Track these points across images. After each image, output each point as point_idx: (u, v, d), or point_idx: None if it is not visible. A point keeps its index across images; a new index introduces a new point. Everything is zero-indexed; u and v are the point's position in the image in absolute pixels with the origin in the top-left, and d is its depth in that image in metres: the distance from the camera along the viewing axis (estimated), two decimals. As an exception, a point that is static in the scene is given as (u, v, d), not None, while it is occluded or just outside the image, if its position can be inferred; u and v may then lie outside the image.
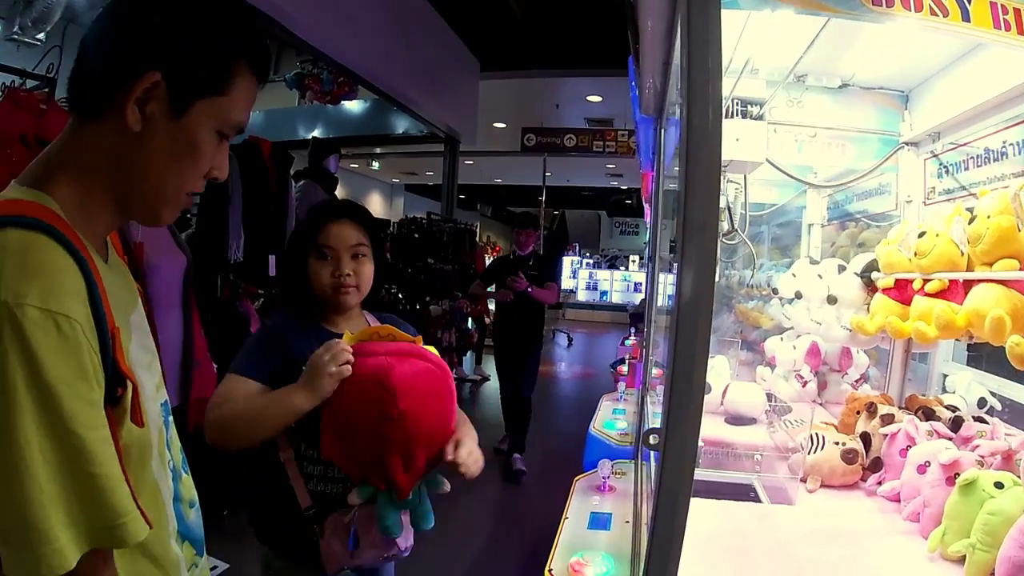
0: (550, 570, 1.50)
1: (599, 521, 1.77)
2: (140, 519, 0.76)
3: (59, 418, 0.69)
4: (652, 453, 1.36)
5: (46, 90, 2.77)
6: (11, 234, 0.72)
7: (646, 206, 4.25)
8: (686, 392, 0.89)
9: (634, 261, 18.26)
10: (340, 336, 1.39)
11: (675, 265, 0.93)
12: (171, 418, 1.02)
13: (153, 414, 0.89)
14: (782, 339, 2.79)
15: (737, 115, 1.95)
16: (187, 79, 0.83)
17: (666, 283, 2.23)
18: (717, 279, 2.21)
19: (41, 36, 6.61)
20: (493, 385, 6.62)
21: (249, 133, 3.65)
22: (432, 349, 1.43)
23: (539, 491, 4.46)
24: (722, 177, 1.80)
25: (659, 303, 2.28)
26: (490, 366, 6.74)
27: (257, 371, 1.42)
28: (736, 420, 2.34)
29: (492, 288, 4.92)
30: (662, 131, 2.10)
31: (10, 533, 0.68)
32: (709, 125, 0.97)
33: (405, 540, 1.48)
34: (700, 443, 1.02)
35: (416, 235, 6.55)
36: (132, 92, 0.80)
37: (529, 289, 4.60)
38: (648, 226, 7.03)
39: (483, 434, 1.46)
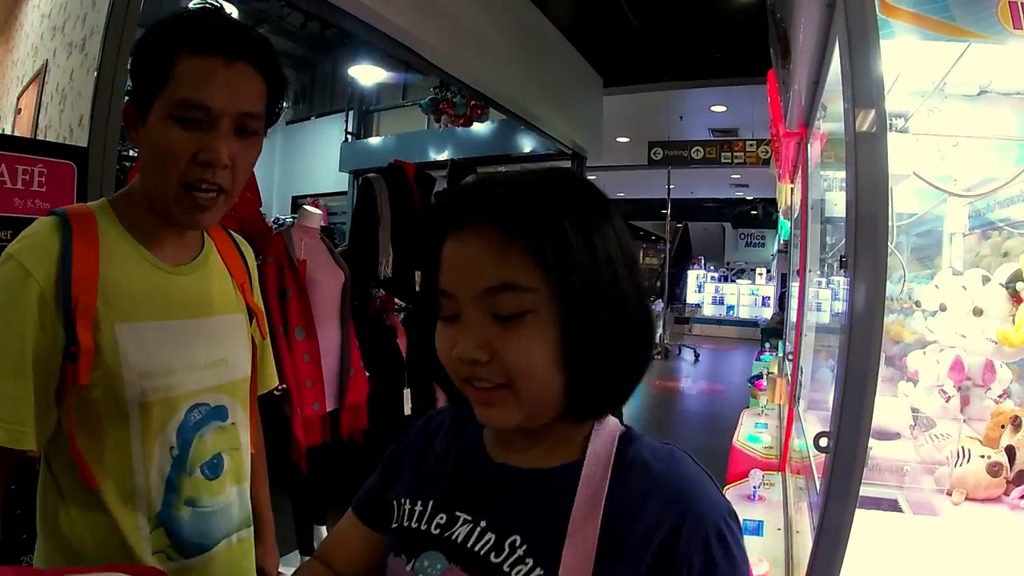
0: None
1: (751, 528, 1.79)
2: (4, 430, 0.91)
3: None
4: (812, 462, 1.37)
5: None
6: (41, 219, 0.98)
7: (784, 220, 4.16)
8: (859, 397, 0.93)
9: (760, 274, 17.63)
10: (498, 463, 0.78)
11: (846, 274, 0.96)
12: (217, 422, 1.10)
13: (169, 404, 1.02)
14: (925, 353, 2.67)
15: (883, 129, 1.92)
16: (140, 94, 0.96)
17: (818, 295, 2.20)
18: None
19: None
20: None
21: (391, 157, 3.90)
22: None
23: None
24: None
25: (809, 316, 2.26)
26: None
27: (363, 508, 0.91)
28: (881, 435, 2.27)
29: None
30: (807, 145, 2.10)
31: None
32: (876, 132, 1.01)
33: None
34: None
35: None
36: (127, 124, 1.00)
37: None
38: (778, 238, 6.81)
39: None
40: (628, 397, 0.74)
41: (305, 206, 3.20)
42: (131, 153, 3.20)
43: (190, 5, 6.00)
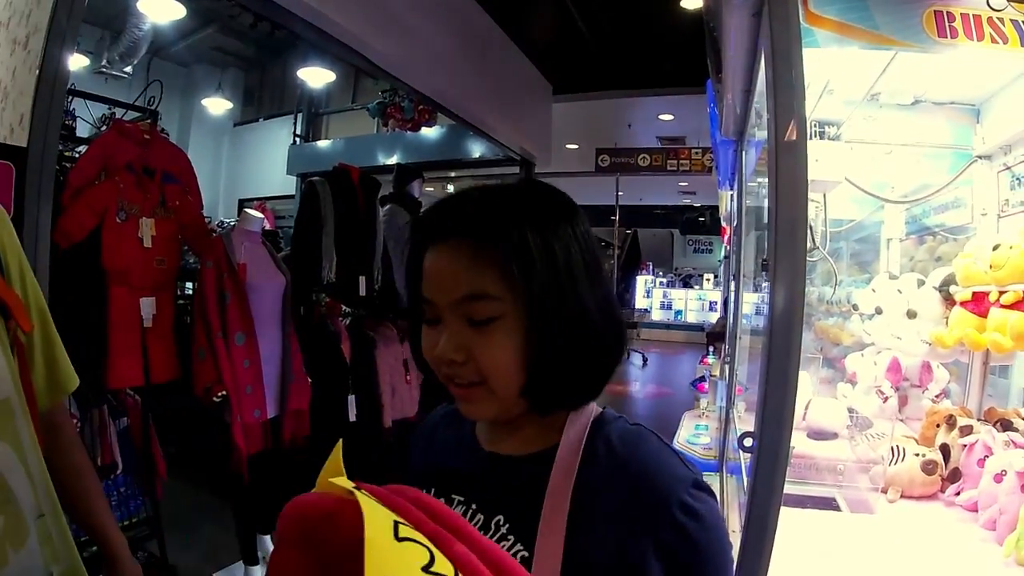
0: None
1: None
2: None
3: None
4: (743, 462, 1.40)
5: (149, 121, 3.00)
6: None
7: (724, 224, 4.25)
8: (781, 393, 0.95)
9: (708, 280, 17.97)
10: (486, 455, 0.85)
11: (767, 273, 0.99)
12: None
13: None
14: (863, 355, 2.76)
15: (815, 136, 1.99)
16: None
17: (747, 299, 2.25)
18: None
19: (128, 69, 7.00)
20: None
21: (340, 160, 3.86)
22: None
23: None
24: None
25: (742, 319, 2.31)
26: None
27: None
28: (818, 435, 2.33)
29: None
30: (743, 152, 2.15)
31: None
32: (796, 140, 1.05)
33: None
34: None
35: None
36: None
37: None
38: (724, 244, 6.97)
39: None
40: (594, 394, 0.81)
41: (247, 209, 3.14)
42: (72, 154, 3.09)
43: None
